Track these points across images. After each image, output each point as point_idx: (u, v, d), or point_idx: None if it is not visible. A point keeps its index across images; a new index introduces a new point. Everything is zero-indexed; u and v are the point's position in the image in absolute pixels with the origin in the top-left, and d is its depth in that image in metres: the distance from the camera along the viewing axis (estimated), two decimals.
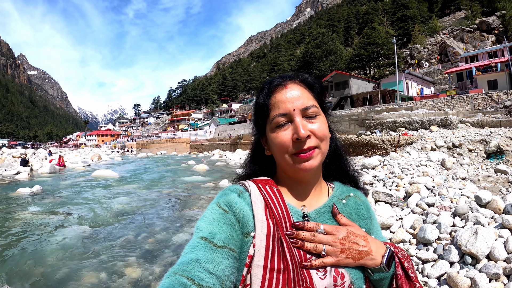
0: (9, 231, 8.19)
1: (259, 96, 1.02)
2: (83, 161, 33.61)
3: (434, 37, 69.91)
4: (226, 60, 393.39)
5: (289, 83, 0.97)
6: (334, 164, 1.12)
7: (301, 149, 0.90)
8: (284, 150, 0.92)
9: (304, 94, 0.96)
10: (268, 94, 0.99)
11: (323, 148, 0.94)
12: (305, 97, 0.95)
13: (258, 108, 1.01)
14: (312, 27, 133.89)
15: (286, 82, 0.98)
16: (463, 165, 8.26)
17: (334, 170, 1.13)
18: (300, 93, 0.95)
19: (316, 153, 0.91)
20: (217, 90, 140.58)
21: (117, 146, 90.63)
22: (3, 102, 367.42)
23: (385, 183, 7.04)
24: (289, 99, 0.93)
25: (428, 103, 31.85)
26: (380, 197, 5.76)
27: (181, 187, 15.10)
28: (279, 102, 0.94)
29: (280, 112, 0.93)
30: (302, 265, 0.84)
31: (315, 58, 72.67)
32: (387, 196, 5.75)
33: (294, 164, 0.92)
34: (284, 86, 0.97)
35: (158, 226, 8.35)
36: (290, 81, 0.99)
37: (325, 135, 0.94)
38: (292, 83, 0.98)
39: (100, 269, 5.71)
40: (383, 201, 5.72)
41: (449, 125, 13.81)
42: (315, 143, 0.91)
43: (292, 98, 0.93)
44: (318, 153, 0.92)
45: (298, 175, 0.97)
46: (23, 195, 13.25)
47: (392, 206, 5.66)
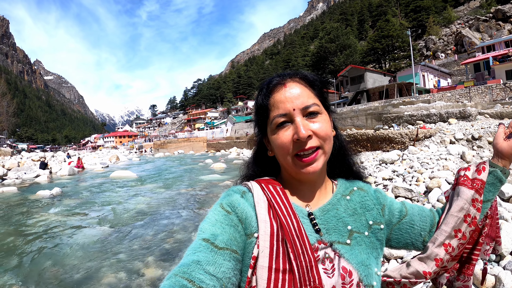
0: (29, 233, 8.33)
1: (258, 96, 1.00)
2: (101, 162, 34.08)
3: (449, 28, 68.70)
4: (240, 58, 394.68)
5: (288, 82, 0.94)
6: (339, 163, 1.10)
7: (302, 149, 0.88)
8: (286, 151, 0.90)
9: (304, 92, 0.93)
10: (267, 94, 0.96)
11: (326, 148, 0.92)
12: (305, 95, 0.92)
13: (258, 108, 1.00)
14: (325, 22, 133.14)
15: (284, 81, 0.95)
16: (483, 158, 8.10)
17: (338, 168, 1.11)
18: (300, 92, 0.92)
19: (319, 155, 0.90)
20: (232, 89, 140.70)
21: (134, 147, 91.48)
22: (21, 107, 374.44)
23: (404, 178, 6.92)
24: (289, 98, 0.91)
25: (446, 95, 31.30)
26: (400, 193, 5.67)
27: (199, 186, 15.16)
28: (278, 102, 0.92)
29: (279, 113, 0.91)
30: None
31: (330, 53, 72.08)
32: (407, 191, 5.66)
33: (297, 168, 0.91)
34: (283, 85, 0.94)
35: (177, 226, 8.39)
36: (289, 79, 0.95)
37: (328, 134, 0.91)
38: (291, 81, 0.95)
39: (119, 269, 5.75)
40: (403, 196, 5.64)
41: (468, 117, 13.57)
42: (317, 143, 0.89)
43: (292, 97, 0.91)
44: (321, 154, 0.91)
45: (301, 177, 0.95)
46: (42, 197, 13.45)
47: (412, 201, 5.56)
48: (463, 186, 1.05)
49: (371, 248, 0.96)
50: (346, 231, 0.94)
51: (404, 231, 1.07)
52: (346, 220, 0.96)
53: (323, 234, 0.92)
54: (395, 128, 14.63)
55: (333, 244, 0.91)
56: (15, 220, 9.73)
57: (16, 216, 10.24)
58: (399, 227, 1.07)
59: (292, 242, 0.83)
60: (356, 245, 0.93)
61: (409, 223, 1.07)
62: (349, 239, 0.93)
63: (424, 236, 1.08)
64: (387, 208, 1.06)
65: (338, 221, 0.95)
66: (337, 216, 0.96)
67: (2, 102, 62.57)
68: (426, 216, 1.10)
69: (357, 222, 0.97)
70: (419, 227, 1.08)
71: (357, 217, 0.98)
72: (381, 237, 1.00)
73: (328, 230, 0.93)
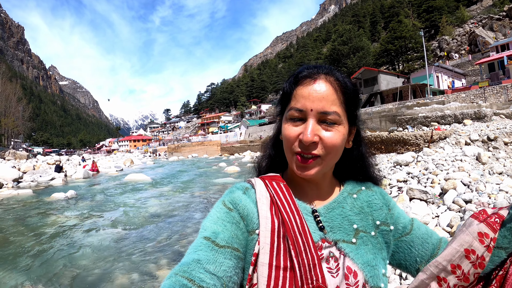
0: (44, 235, 8.43)
1: (287, 82, 0.96)
2: (115, 166, 34.34)
3: (463, 27, 67.91)
4: (253, 62, 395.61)
5: (320, 78, 0.88)
6: (357, 170, 1.05)
7: (303, 150, 0.86)
8: (290, 144, 0.88)
9: (331, 96, 0.87)
10: (294, 83, 0.92)
11: (327, 160, 0.88)
12: (330, 100, 0.86)
13: (283, 94, 0.96)
14: (338, 24, 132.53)
15: (317, 76, 0.89)
16: (499, 159, 7.97)
17: (352, 171, 1.05)
18: (326, 94, 0.87)
19: (314, 163, 0.87)
20: (245, 92, 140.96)
21: (148, 150, 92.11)
22: (37, 112, 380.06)
23: (419, 179, 6.86)
24: (311, 96, 0.86)
25: (460, 96, 30.93)
26: (415, 194, 5.62)
27: (213, 189, 15.20)
28: (300, 96, 0.88)
29: (297, 106, 0.87)
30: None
31: (343, 56, 71.92)
32: (422, 193, 5.60)
33: (292, 164, 0.89)
34: (313, 80, 0.88)
35: (190, 228, 8.42)
36: (323, 75, 0.89)
37: (335, 147, 0.87)
38: (323, 79, 0.89)
39: (132, 271, 5.79)
40: (418, 198, 5.58)
41: (483, 118, 13.39)
42: (319, 152, 0.86)
43: (315, 97, 0.86)
44: (317, 163, 0.87)
45: (298, 175, 0.91)
46: (57, 199, 13.62)
47: (427, 203, 5.50)
48: (474, 218, 0.86)
49: (378, 249, 0.93)
50: (351, 229, 0.92)
51: (401, 250, 0.99)
52: (352, 218, 0.93)
53: (327, 232, 0.89)
54: (410, 130, 14.51)
55: (338, 242, 0.89)
56: (30, 222, 9.87)
57: (31, 218, 10.38)
58: (397, 244, 0.99)
59: (294, 239, 0.81)
60: (362, 244, 0.90)
61: (408, 244, 0.99)
62: (355, 238, 0.90)
63: (420, 263, 0.97)
64: (394, 218, 1.01)
65: (344, 220, 0.93)
66: (342, 214, 0.93)
67: (18, 107, 63.61)
68: (430, 243, 0.99)
69: (364, 221, 0.95)
70: (417, 251, 0.98)
71: (363, 216, 0.95)
72: (389, 239, 0.97)
73: (332, 228, 0.91)
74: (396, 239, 0.99)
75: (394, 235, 0.99)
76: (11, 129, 58.03)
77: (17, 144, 64.69)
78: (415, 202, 5.45)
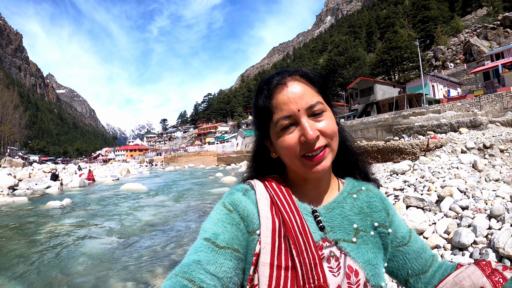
0: (39, 242, 8.36)
1: (258, 98, 0.95)
2: (112, 175, 34.27)
3: (458, 37, 68.64)
4: (250, 73, 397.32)
5: (289, 81, 0.90)
6: (343, 157, 1.07)
7: (310, 150, 0.85)
8: (293, 153, 0.87)
9: (306, 90, 0.88)
10: (268, 96, 0.91)
11: (334, 145, 0.89)
12: (308, 94, 0.88)
13: (259, 111, 0.94)
14: (334, 35, 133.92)
15: (285, 80, 0.90)
16: (495, 166, 8.00)
17: (343, 163, 1.08)
18: (302, 90, 0.88)
19: (327, 153, 0.87)
20: (242, 103, 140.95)
21: (145, 160, 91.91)
22: (34, 120, 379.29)
23: (416, 187, 6.86)
24: (292, 99, 0.87)
25: (456, 105, 31.13)
26: (411, 202, 5.61)
27: (209, 199, 15.10)
28: (281, 104, 0.87)
29: (284, 115, 0.87)
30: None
31: (339, 66, 72.39)
32: (418, 200, 5.59)
33: (305, 168, 0.88)
34: (284, 84, 0.89)
35: (186, 237, 8.36)
36: (289, 77, 0.91)
37: (334, 131, 0.89)
38: (291, 80, 0.90)
39: (128, 279, 5.73)
40: (415, 206, 5.57)
41: (479, 126, 13.47)
42: (325, 142, 0.87)
43: (295, 98, 0.87)
44: (329, 152, 0.88)
45: (309, 176, 0.92)
46: (53, 208, 13.54)
47: (424, 210, 5.50)
48: (479, 267, 0.88)
49: (378, 248, 0.94)
50: (352, 229, 0.92)
51: (396, 259, 1.00)
52: (352, 218, 0.94)
53: (327, 232, 0.90)
54: (406, 139, 14.56)
55: (338, 242, 0.89)
56: (25, 229, 9.80)
57: (26, 225, 10.31)
58: (393, 252, 1.00)
59: (295, 239, 0.82)
60: (363, 243, 0.91)
61: (404, 254, 1.00)
62: (355, 238, 0.91)
63: (410, 276, 0.99)
64: (395, 225, 1.01)
65: (344, 219, 0.93)
66: (342, 214, 0.93)
67: (15, 114, 63.39)
68: (424, 258, 1.00)
69: (363, 221, 0.95)
70: (410, 264, 0.99)
71: (363, 216, 0.96)
72: (386, 242, 0.97)
73: (333, 228, 0.91)
74: (394, 248, 1.00)
75: (392, 242, 1.00)
76: (8, 136, 57.74)
77: (13, 152, 64.33)
78: (411, 210, 5.44)
